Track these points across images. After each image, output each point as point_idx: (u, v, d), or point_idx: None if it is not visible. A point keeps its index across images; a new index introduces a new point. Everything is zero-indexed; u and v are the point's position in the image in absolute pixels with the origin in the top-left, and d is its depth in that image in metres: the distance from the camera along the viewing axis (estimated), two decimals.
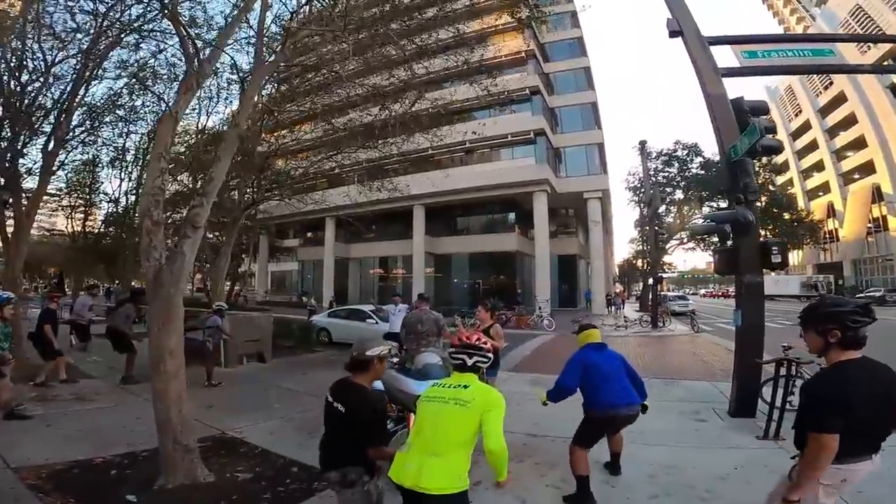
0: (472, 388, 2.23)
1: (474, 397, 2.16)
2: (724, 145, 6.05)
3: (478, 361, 2.35)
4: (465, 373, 2.34)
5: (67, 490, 3.34)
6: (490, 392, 2.26)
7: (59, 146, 8.18)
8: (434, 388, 2.33)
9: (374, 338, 2.75)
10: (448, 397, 2.20)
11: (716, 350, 12.44)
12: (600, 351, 3.84)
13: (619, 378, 3.68)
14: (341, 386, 2.48)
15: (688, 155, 29.18)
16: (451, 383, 2.31)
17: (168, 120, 4.06)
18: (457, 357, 2.38)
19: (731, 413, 5.80)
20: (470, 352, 2.35)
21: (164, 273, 3.47)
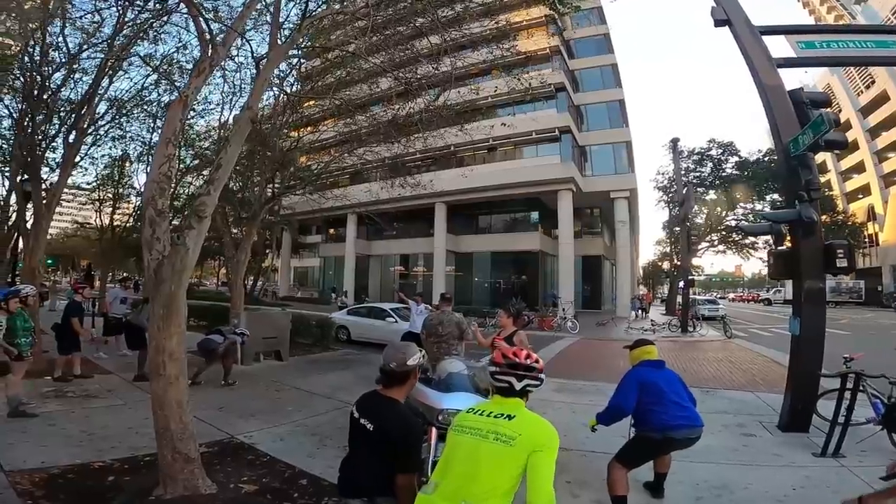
0: (519, 419, 1.74)
1: (521, 432, 1.67)
2: (782, 139, 5.55)
3: (528, 385, 1.87)
4: (511, 398, 1.86)
5: (59, 497, 3.12)
6: (542, 426, 1.74)
7: (80, 138, 8.11)
8: (469, 414, 1.84)
9: (406, 343, 2.29)
10: (487, 430, 1.71)
11: (753, 357, 11.77)
12: (658, 369, 3.46)
13: (679, 398, 3.31)
14: (370, 400, 2.08)
15: (722, 154, 28.04)
16: (492, 410, 1.81)
17: (177, 104, 3.80)
18: (501, 379, 1.88)
19: (782, 427, 5.38)
20: (519, 373, 1.86)
21: (165, 267, 3.19)
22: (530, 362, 1.90)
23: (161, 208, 3.31)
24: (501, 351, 1.98)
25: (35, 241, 7.35)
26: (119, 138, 12.17)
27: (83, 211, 25.16)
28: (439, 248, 29.45)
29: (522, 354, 1.93)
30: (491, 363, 1.97)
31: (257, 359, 8.96)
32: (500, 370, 1.90)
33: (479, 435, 1.72)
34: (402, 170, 13.36)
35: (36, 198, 7.55)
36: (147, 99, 10.44)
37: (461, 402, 3.30)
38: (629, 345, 3.80)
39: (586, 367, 10.20)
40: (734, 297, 72.47)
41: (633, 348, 3.69)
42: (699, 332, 18.06)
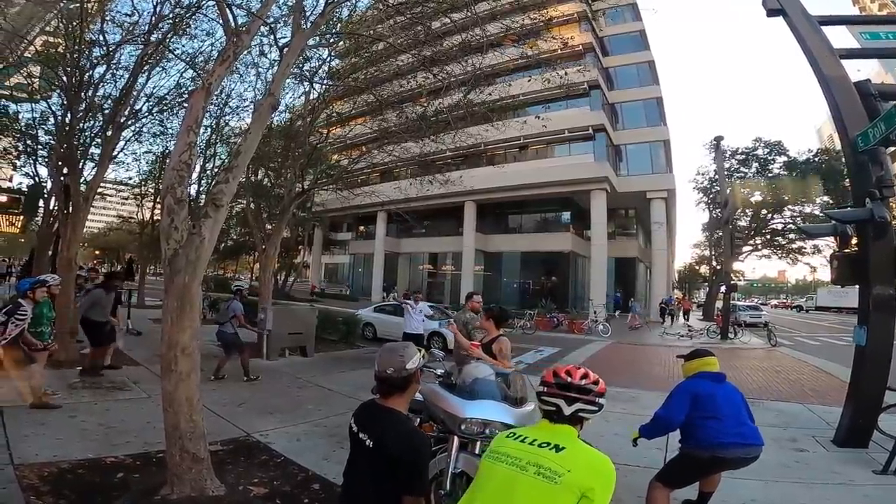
0: (569, 452, 1.43)
1: (569, 468, 1.37)
2: (848, 133, 5.06)
3: (581, 410, 1.56)
4: (560, 424, 1.56)
5: (63, 493, 3.03)
6: (597, 463, 1.44)
7: (117, 133, 8.28)
8: (509, 440, 1.56)
9: (404, 343, 1.97)
10: (527, 461, 1.42)
11: (801, 367, 11.03)
12: (718, 382, 3.08)
13: (736, 414, 2.95)
14: (369, 412, 1.80)
15: (769, 153, 26.58)
16: (537, 438, 1.51)
17: (200, 92, 3.68)
18: (548, 401, 1.59)
19: (838, 442, 4.99)
20: (571, 395, 1.56)
21: (180, 258, 3.05)
22: (586, 383, 1.59)
23: (180, 196, 3.19)
24: (555, 369, 1.67)
25: (72, 233, 7.53)
26: (159, 134, 12.46)
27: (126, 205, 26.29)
28: (468, 246, 29.19)
29: (578, 374, 1.62)
30: (541, 383, 1.67)
31: (282, 354, 8.95)
32: (548, 391, 1.61)
33: (517, 466, 1.44)
34: (431, 167, 13.20)
35: (74, 191, 7.74)
36: (184, 95, 10.63)
37: (486, 411, 3.02)
38: (683, 355, 3.44)
39: (618, 372, 9.73)
40: (777, 304, 69.27)
41: (690, 358, 3.30)
42: (741, 338, 17.13)
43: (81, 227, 7.90)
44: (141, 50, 7.91)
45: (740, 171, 27.37)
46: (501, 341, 3.99)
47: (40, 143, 10.83)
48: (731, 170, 27.40)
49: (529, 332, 16.78)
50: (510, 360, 3.97)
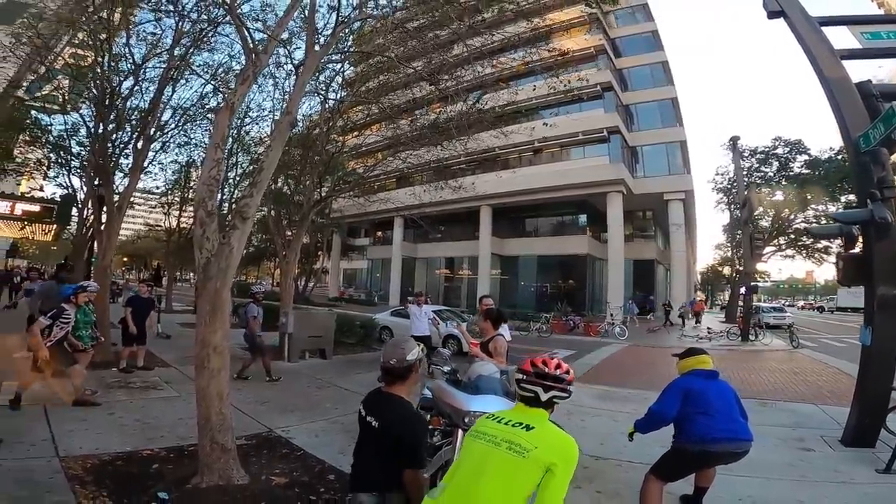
0: (539, 431, 1.62)
1: (537, 445, 1.55)
2: (850, 134, 5.11)
3: (555, 397, 1.76)
4: (534, 408, 1.75)
5: (104, 482, 3.32)
6: (561, 440, 1.62)
7: (147, 145, 8.76)
8: (488, 420, 1.76)
9: (404, 338, 2.29)
10: (501, 438, 1.61)
11: (821, 369, 10.86)
12: (710, 379, 3.22)
13: (727, 410, 3.07)
14: (375, 398, 2.11)
15: (790, 152, 26.06)
16: (512, 419, 1.71)
17: (224, 110, 4.01)
18: (528, 388, 1.76)
19: (846, 442, 5.00)
20: (547, 384, 1.74)
21: (212, 265, 3.37)
22: (560, 373, 1.78)
23: (211, 209, 3.50)
24: (532, 359, 1.84)
25: (107, 242, 8.01)
26: (183, 145, 12.97)
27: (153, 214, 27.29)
28: (484, 251, 29.34)
29: (552, 364, 1.81)
30: (519, 370, 1.84)
31: (302, 356, 9.28)
32: (527, 379, 1.78)
33: (492, 442, 1.62)
34: (445, 173, 13.44)
35: (108, 201, 8.23)
36: (207, 106, 11.07)
37: (489, 405, 3.23)
38: (678, 353, 3.57)
39: (633, 374, 9.77)
40: (803, 305, 67.32)
41: (684, 357, 3.45)
42: (762, 340, 16.86)
43: (116, 235, 8.39)
44: (165, 64, 8.37)
45: (760, 170, 26.88)
46: (497, 340, 4.17)
47: (72, 154, 11.32)
48: (751, 169, 26.93)
49: (545, 336, 16.84)
50: (505, 357, 4.13)
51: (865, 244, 4.88)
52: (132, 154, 8.81)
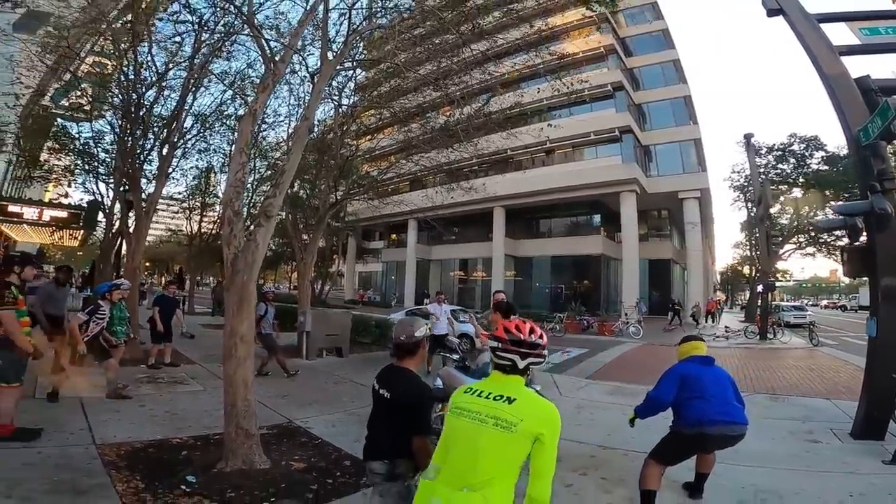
0: (520, 402, 1.60)
1: (523, 417, 1.56)
2: (850, 129, 5.19)
3: (531, 364, 1.73)
4: (511, 375, 1.72)
5: (138, 467, 3.58)
6: (543, 408, 1.62)
7: (171, 151, 9.15)
8: (467, 395, 1.71)
9: (413, 318, 2.50)
10: (487, 413, 1.60)
11: (838, 366, 10.74)
12: (706, 365, 3.35)
13: (722, 394, 3.18)
14: (387, 372, 2.32)
15: (806, 149, 25.65)
16: (491, 391, 1.67)
17: (248, 117, 4.29)
18: (504, 357, 1.72)
19: (854, 435, 5.01)
20: (523, 350, 1.71)
21: (240, 261, 3.64)
22: (534, 338, 1.73)
23: (237, 209, 3.79)
24: (504, 325, 1.79)
25: (136, 245, 8.41)
26: (203, 151, 13.37)
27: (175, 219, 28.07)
28: (498, 252, 29.46)
29: (526, 329, 1.74)
30: (493, 337, 1.80)
31: (320, 354, 9.57)
32: (503, 346, 1.73)
33: (478, 419, 1.60)
34: (458, 174, 13.64)
35: (136, 206, 8.64)
36: (226, 113, 11.45)
37: None
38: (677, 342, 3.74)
39: (644, 371, 9.79)
40: (827, 304, 65.68)
41: (681, 343, 3.62)
42: (781, 339, 16.69)
43: (144, 238, 8.79)
44: (187, 72, 8.72)
45: (777, 167, 26.49)
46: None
47: (98, 160, 11.76)
48: (768, 167, 26.54)
49: (558, 335, 16.91)
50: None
51: (868, 236, 4.93)
52: (157, 160, 9.22)
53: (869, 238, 4.94)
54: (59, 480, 3.22)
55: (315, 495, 3.37)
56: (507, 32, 8.34)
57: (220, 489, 3.30)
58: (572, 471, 3.95)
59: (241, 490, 3.30)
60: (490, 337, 1.83)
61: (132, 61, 8.41)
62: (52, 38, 8.47)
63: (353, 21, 4.69)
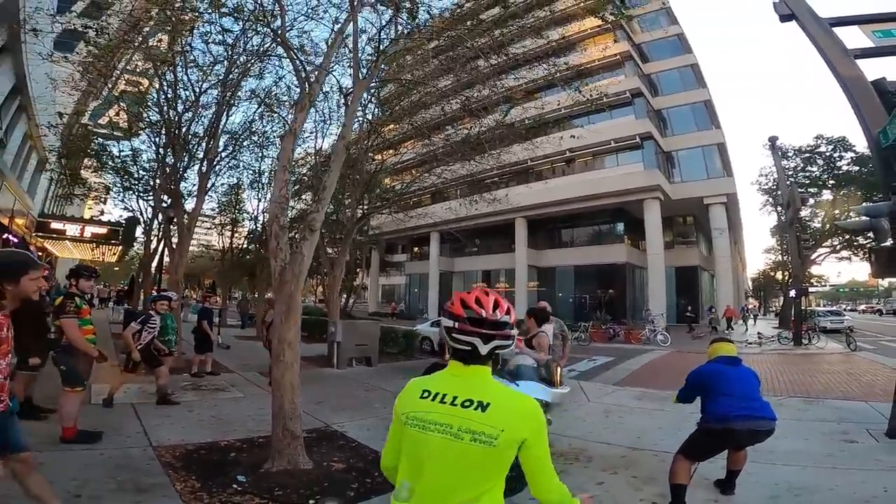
0: (496, 407, 1.27)
1: (503, 427, 1.24)
2: (870, 131, 5.23)
3: (497, 347, 1.34)
4: (474, 365, 1.33)
5: (192, 468, 3.85)
6: (523, 410, 1.30)
7: (210, 168, 9.68)
8: (428, 402, 1.32)
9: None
10: (459, 427, 1.26)
11: (876, 369, 10.47)
12: (732, 365, 3.52)
13: (748, 392, 3.33)
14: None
15: (834, 150, 25.05)
16: (456, 394, 1.31)
17: (289, 136, 4.65)
18: (461, 340, 1.33)
19: (890, 434, 4.97)
20: (485, 332, 1.31)
21: (287, 272, 3.95)
22: (500, 315, 1.34)
23: (283, 224, 4.11)
24: (461, 297, 1.39)
25: (179, 258, 8.91)
26: (234, 167, 13.88)
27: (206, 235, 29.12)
28: (520, 263, 29.45)
29: (489, 303, 1.35)
30: (447, 314, 1.39)
31: (350, 363, 9.86)
32: (460, 326, 1.32)
33: (450, 434, 1.26)
34: (479, 186, 13.90)
35: (179, 221, 9.17)
36: (255, 130, 11.96)
37: (528, 390, 3.64)
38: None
39: (672, 377, 9.73)
40: (865, 309, 63.02)
41: (711, 344, 3.80)
42: (816, 344, 16.22)
43: (186, 252, 9.29)
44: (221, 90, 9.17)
45: (806, 170, 25.89)
46: (540, 336, 4.71)
47: (135, 177, 12.19)
48: (796, 170, 25.98)
49: (584, 343, 16.83)
50: (547, 351, 4.65)
51: (895, 236, 4.93)
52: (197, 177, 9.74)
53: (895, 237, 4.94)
54: (122, 480, 3.47)
55: (356, 493, 3.59)
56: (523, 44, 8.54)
57: (268, 487, 3.52)
58: (602, 470, 4.08)
59: (288, 489, 3.52)
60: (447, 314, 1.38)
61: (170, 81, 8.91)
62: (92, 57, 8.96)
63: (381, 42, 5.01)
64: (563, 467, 4.11)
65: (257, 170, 17.58)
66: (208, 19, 6.58)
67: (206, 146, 9.47)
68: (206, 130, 9.63)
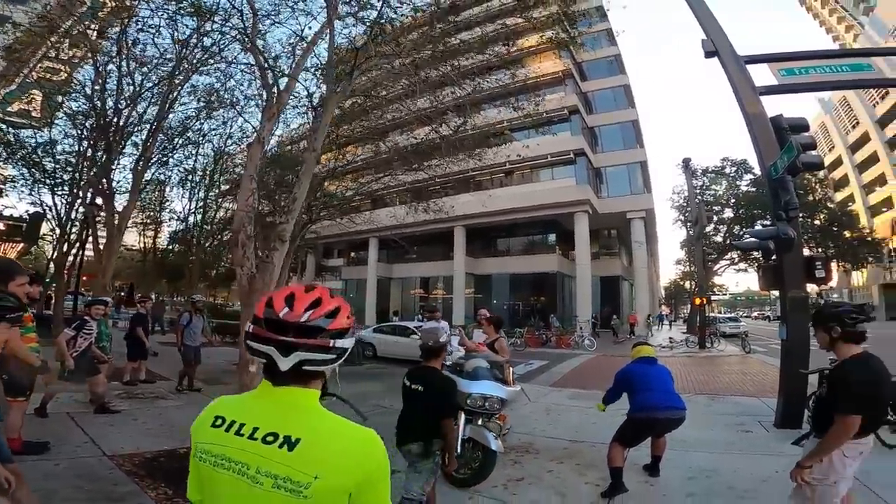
0: (307, 444, 0.92)
1: (316, 472, 0.90)
2: (764, 163, 6.18)
3: (307, 363, 0.96)
4: (285, 386, 0.98)
5: (157, 475, 3.80)
6: (349, 444, 0.95)
7: (146, 166, 9.19)
8: (218, 431, 0.99)
9: (436, 327, 3.13)
10: (257, 468, 0.91)
11: (767, 369, 12.08)
12: (650, 364, 4.18)
13: (663, 386, 3.98)
14: (418, 371, 2.92)
15: (737, 171, 28.38)
16: (259, 425, 0.96)
17: (256, 145, 4.71)
18: (256, 350, 0.98)
19: (777, 424, 5.86)
20: (287, 340, 0.96)
21: (258, 281, 4.04)
22: (312, 317, 0.98)
23: (249, 233, 4.18)
24: (269, 296, 1.03)
25: (107, 260, 8.37)
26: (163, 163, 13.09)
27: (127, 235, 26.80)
28: (459, 270, 30.12)
29: (302, 303, 0.99)
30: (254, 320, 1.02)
31: None
32: (255, 330, 0.99)
33: (245, 475, 0.92)
34: (422, 194, 14.20)
35: (109, 220, 8.60)
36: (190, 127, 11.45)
37: (485, 388, 4.06)
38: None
39: (600, 378, 10.66)
40: (756, 315, 71.63)
41: (633, 347, 4.47)
42: (718, 347, 18.30)
43: (115, 254, 8.74)
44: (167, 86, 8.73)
45: (711, 189, 29.07)
46: (501, 341, 5.35)
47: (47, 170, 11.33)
48: (703, 188, 29.02)
49: (520, 349, 17.71)
50: (508, 353, 5.31)
51: (777, 256, 5.92)
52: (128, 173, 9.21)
53: (778, 257, 5.93)
54: (90, 490, 3.41)
55: None
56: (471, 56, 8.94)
57: None
58: (550, 460, 4.62)
59: None
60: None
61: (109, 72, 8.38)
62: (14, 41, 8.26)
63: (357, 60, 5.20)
64: (517, 459, 4.59)
65: (190, 167, 16.72)
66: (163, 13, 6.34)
67: (146, 142, 8.99)
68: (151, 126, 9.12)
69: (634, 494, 3.74)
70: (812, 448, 2.45)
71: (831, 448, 2.28)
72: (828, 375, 2.50)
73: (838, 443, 2.26)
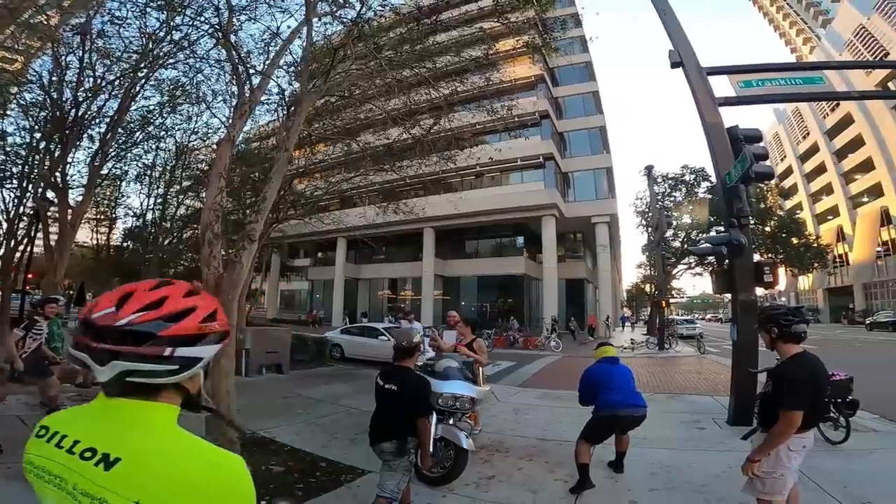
0: (130, 465, 0.76)
1: (139, 497, 0.73)
2: (720, 172, 6.53)
3: (133, 373, 0.80)
4: (116, 399, 0.83)
5: None
6: (188, 471, 0.77)
7: (104, 161, 8.78)
8: (41, 441, 0.84)
9: (410, 327, 3.18)
10: (74, 485, 0.79)
11: (720, 369, 12.69)
12: (612, 364, 4.37)
13: (625, 385, 4.17)
14: (392, 370, 2.96)
15: (695, 179, 29.68)
16: (81, 438, 0.81)
17: (226, 143, 4.62)
18: (76, 356, 0.81)
19: (730, 421, 6.18)
20: (102, 347, 0.79)
21: (225, 281, 3.96)
22: (142, 320, 0.81)
23: (217, 232, 4.09)
24: (98, 299, 0.86)
25: (59, 258, 7.96)
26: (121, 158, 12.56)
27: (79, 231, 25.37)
28: (427, 272, 30.16)
29: (132, 304, 0.82)
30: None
31: (260, 371, 9.56)
32: (75, 338, 0.83)
33: (66, 492, 0.80)
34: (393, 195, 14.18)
35: (62, 217, 8.18)
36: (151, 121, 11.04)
37: (456, 388, 4.14)
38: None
39: (566, 379, 10.95)
40: (710, 318, 75.00)
41: (597, 349, 4.65)
42: (675, 348, 19.06)
43: (68, 252, 8.32)
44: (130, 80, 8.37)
45: (671, 195, 30.30)
46: (478, 341, 5.49)
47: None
48: (664, 194, 30.20)
49: (488, 350, 17.90)
50: (486, 353, 5.51)
51: (729, 261, 6.28)
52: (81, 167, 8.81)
53: (730, 263, 6.28)
54: None
55: (303, 492, 3.75)
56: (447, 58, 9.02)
57: None
58: (520, 458, 4.75)
59: None
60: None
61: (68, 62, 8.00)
62: None
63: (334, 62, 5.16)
64: (487, 457, 4.69)
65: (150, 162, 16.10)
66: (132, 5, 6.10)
67: (104, 136, 8.59)
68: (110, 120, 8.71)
69: (601, 490, 3.90)
70: (760, 442, 2.63)
71: (777, 442, 2.48)
72: (771, 373, 2.68)
73: (783, 437, 2.45)
